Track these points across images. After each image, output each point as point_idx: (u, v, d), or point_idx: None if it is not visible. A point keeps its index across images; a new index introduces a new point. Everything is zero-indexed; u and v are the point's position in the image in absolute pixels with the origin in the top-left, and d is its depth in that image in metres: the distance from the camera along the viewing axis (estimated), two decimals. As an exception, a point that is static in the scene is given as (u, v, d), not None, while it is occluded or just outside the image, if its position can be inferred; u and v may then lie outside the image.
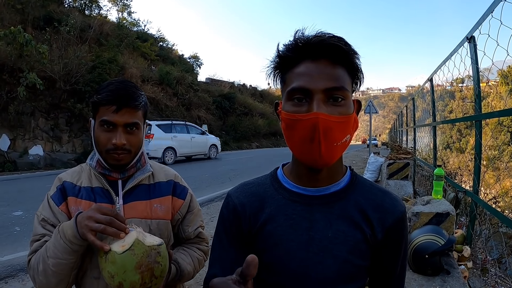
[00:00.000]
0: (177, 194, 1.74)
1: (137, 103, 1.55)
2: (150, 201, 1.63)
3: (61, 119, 22.14)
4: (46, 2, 27.82)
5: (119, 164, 1.56)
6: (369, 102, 18.66)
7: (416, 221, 4.26)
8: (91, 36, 27.58)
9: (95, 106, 1.55)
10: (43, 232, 1.50)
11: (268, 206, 1.18)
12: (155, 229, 1.59)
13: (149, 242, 1.27)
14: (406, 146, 13.04)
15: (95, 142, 1.56)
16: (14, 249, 6.08)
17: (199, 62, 49.27)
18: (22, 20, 24.32)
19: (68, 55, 22.58)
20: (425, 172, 8.95)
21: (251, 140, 43.10)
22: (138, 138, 1.59)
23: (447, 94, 8.41)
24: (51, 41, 22.89)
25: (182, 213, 1.75)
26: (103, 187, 1.59)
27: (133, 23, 40.71)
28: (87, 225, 1.27)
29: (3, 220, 7.95)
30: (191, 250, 1.75)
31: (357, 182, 1.19)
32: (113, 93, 1.50)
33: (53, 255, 1.35)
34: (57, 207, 1.53)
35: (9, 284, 4.89)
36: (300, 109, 1.01)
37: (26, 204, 9.51)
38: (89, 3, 35.28)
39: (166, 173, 1.77)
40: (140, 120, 1.59)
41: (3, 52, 19.48)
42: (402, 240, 1.17)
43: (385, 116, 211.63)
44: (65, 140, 22.17)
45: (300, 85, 1.01)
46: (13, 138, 19.72)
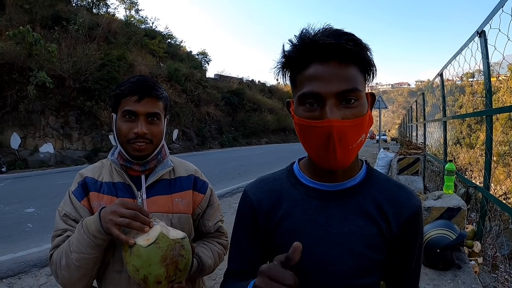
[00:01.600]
0: (198, 189, 1.75)
1: (158, 93, 1.57)
2: (171, 196, 1.64)
3: (71, 117, 22.31)
4: (54, 1, 27.95)
5: (140, 155, 1.56)
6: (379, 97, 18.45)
7: (428, 216, 4.24)
8: (99, 34, 27.68)
9: (117, 99, 1.58)
10: (65, 227, 1.51)
11: (285, 201, 1.18)
12: (176, 223, 1.60)
13: (173, 236, 1.29)
14: (416, 141, 12.96)
15: (117, 134, 1.58)
16: (26, 246, 6.15)
17: (207, 58, 49.37)
18: (31, 20, 24.42)
19: (77, 54, 22.75)
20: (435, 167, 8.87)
21: (260, 136, 43.13)
22: (159, 128, 1.60)
23: (457, 89, 8.35)
24: (60, 40, 23.07)
25: (202, 207, 1.76)
26: (124, 182, 1.60)
27: (141, 21, 40.76)
28: (112, 220, 1.28)
29: (15, 217, 8.06)
30: (212, 244, 1.76)
31: (373, 176, 1.19)
32: (135, 84, 1.54)
33: (76, 250, 1.36)
34: (78, 202, 1.54)
35: (22, 280, 4.95)
36: (312, 114, 1.00)
37: (38, 201, 9.63)
38: (96, 1, 35.39)
39: (186, 168, 1.78)
40: (161, 112, 1.61)
41: (13, 51, 19.65)
42: (418, 234, 1.17)
43: (394, 111, 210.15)
44: (75, 137, 22.34)
45: (311, 90, 0.98)
46: (24, 136, 19.93)
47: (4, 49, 19.61)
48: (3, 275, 5.04)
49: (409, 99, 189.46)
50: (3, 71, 19.22)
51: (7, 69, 19.40)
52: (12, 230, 7.14)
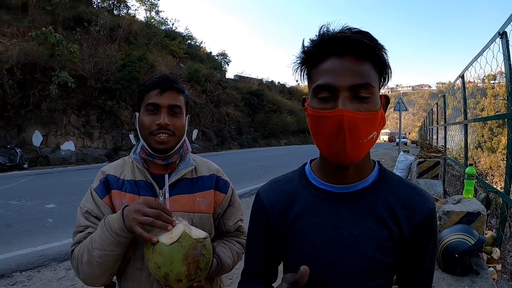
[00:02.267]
0: (219, 188, 1.76)
1: (180, 87, 1.62)
2: (193, 195, 1.65)
3: (92, 116, 22.64)
4: (75, 3, 28.46)
5: (163, 148, 1.57)
6: (399, 99, 18.23)
7: (447, 220, 4.17)
8: (120, 35, 28.07)
9: (140, 95, 1.62)
10: (87, 223, 1.53)
11: (297, 203, 1.19)
12: (197, 222, 1.61)
13: (195, 235, 1.31)
14: (437, 144, 12.79)
15: (140, 129, 1.61)
16: (47, 240, 6.28)
17: (227, 59, 49.51)
18: (53, 21, 25.06)
19: (98, 54, 23.12)
20: (456, 171, 8.73)
21: (279, 137, 43.01)
22: (181, 121, 1.62)
23: (479, 91, 8.19)
24: (81, 41, 23.37)
25: (223, 207, 1.77)
26: (146, 180, 1.61)
27: (161, 22, 41.12)
28: (135, 218, 1.29)
29: (36, 212, 8.22)
30: (231, 244, 1.77)
31: (386, 178, 1.18)
32: (157, 79, 1.59)
33: (99, 247, 1.37)
34: (100, 199, 1.56)
35: (41, 273, 5.05)
36: (325, 106, 1.00)
37: (58, 197, 9.83)
38: (117, 3, 35.96)
39: (208, 167, 1.80)
40: (183, 106, 1.63)
41: (35, 52, 20.12)
42: (431, 238, 1.16)
43: (414, 114, 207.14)
44: (96, 136, 22.70)
45: (326, 82, 1.00)
46: (46, 134, 20.38)
47: (27, 50, 20.11)
48: (23, 267, 5.15)
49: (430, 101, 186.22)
50: (26, 70, 19.61)
51: (30, 68, 19.82)
52: (32, 224, 7.27)
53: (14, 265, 5.19)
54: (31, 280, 4.81)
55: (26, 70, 19.63)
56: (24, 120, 19.61)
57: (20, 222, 7.40)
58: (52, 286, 4.67)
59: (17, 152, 17.36)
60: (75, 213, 1.62)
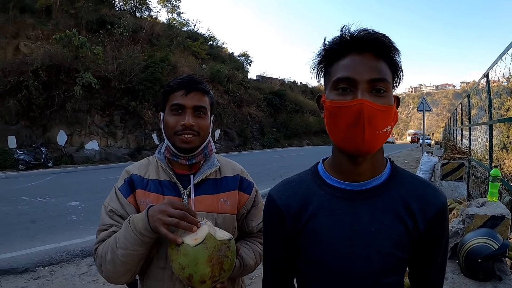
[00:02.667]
0: (243, 189, 1.75)
1: (205, 87, 1.62)
2: (217, 195, 1.64)
3: (115, 116, 23.16)
4: (98, 6, 29.32)
5: (187, 148, 1.57)
6: (422, 99, 17.81)
7: (470, 224, 4.05)
8: (143, 37, 28.63)
9: (165, 95, 1.62)
10: (111, 222, 1.54)
11: (311, 203, 1.18)
12: (221, 223, 1.60)
13: (220, 237, 1.31)
14: (461, 145, 12.54)
15: (165, 129, 1.61)
16: (70, 236, 6.35)
17: (249, 59, 49.76)
18: (76, 24, 25.68)
19: (121, 56, 23.65)
20: (480, 173, 8.49)
21: (301, 137, 42.96)
22: (206, 122, 1.61)
23: (504, 90, 7.97)
24: (104, 43, 23.99)
25: (247, 207, 1.76)
26: (170, 180, 1.60)
27: (183, 23, 41.54)
28: (160, 219, 1.29)
29: (60, 209, 8.35)
30: (254, 244, 1.75)
31: (398, 174, 1.19)
32: (182, 79, 1.59)
33: (123, 246, 1.38)
34: (125, 199, 1.57)
35: (64, 268, 5.10)
36: (344, 97, 1.03)
37: (82, 195, 9.96)
38: (139, 5, 36.67)
39: (233, 168, 1.79)
40: (208, 107, 1.63)
41: (60, 54, 20.74)
42: (444, 231, 1.17)
43: (438, 114, 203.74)
44: (119, 136, 23.20)
45: (346, 75, 1.03)
46: (70, 133, 21.01)
47: (51, 52, 20.75)
48: (46, 262, 5.21)
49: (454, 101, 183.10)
50: (51, 72, 20.23)
51: (55, 70, 20.45)
52: (56, 221, 7.39)
53: (38, 260, 5.26)
54: (54, 275, 4.88)
55: (51, 71, 20.24)
56: (49, 120, 20.27)
57: (44, 219, 7.52)
58: (74, 281, 4.71)
59: (42, 151, 17.89)
60: (98, 211, 1.61)
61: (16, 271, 4.94)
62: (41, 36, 24.47)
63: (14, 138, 19.25)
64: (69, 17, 26.70)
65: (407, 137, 74.41)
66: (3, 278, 4.76)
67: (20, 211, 8.23)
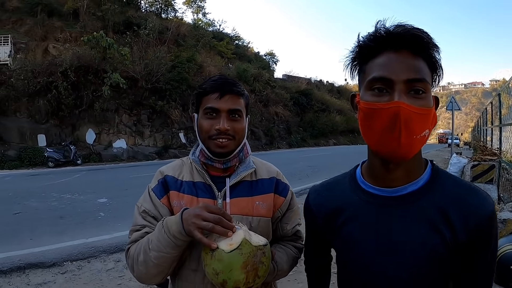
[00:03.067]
0: (279, 192, 1.69)
1: (240, 90, 1.55)
2: (252, 198, 1.60)
3: (143, 115, 23.64)
4: (124, 8, 30.38)
5: (222, 152, 1.52)
6: (451, 98, 17.19)
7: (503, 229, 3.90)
8: (169, 38, 29.23)
9: (198, 97, 1.57)
10: (144, 223, 1.51)
11: (346, 208, 1.17)
12: (256, 226, 1.55)
13: (256, 242, 1.27)
14: (491, 146, 12.09)
15: (199, 132, 1.57)
16: (98, 233, 6.34)
17: (275, 59, 50.04)
18: (103, 26, 26.54)
19: (148, 56, 24.19)
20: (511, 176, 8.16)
21: (328, 137, 42.66)
22: (241, 125, 1.56)
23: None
24: (131, 44, 24.63)
25: (282, 210, 1.70)
26: (205, 182, 1.56)
27: (209, 24, 42.25)
28: (195, 223, 1.25)
29: (89, 206, 8.41)
30: (288, 248, 1.69)
31: (439, 178, 1.10)
32: (216, 81, 1.53)
33: (156, 248, 1.35)
34: (158, 200, 1.53)
35: (91, 264, 5.08)
36: (380, 99, 0.97)
37: (110, 192, 10.07)
38: (164, 7, 37.62)
39: (268, 170, 1.73)
40: (243, 109, 1.57)
41: (88, 55, 21.54)
42: (490, 243, 1.04)
43: (467, 114, 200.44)
44: (147, 134, 23.66)
45: (382, 75, 0.98)
46: (99, 132, 21.71)
47: (80, 53, 21.54)
48: (74, 257, 5.22)
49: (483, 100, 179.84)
50: (79, 73, 20.93)
51: (83, 71, 21.13)
52: (85, 217, 7.42)
53: (65, 255, 5.29)
54: (81, 270, 4.87)
55: (79, 72, 20.93)
56: (78, 119, 21.04)
57: (72, 215, 7.58)
58: (101, 276, 4.70)
59: (71, 149, 18.47)
60: (126, 208, 1.49)
61: (44, 265, 4.95)
62: (69, 38, 25.55)
63: (44, 136, 19.98)
64: (96, 19, 27.78)
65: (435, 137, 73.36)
66: (31, 271, 4.78)
67: (49, 207, 8.33)
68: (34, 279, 4.56)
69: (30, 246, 5.57)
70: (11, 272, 4.73)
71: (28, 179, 13.28)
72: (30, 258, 5.08)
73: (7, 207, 8.17)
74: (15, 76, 19.41)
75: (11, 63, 21.03)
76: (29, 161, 18.06)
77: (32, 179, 13.06)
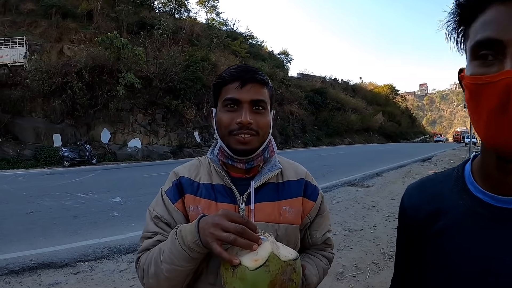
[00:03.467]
0: (308, 195, 1.49)
1: (263, 78, 1.37)
2: (278, 203, 1.40)
3: (157, 115, 23.80)
4: (138, 9, 30.87)
5: (245, 149, 1.33)
6: None
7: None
8: (183, 37, 29.50)
9: (217, 88, 1.39)
10: (156, 230, 1.36)
11: (445, 213, 0.93)
12: (282, 234, 1.37)
13: (285, 256, 1.06)
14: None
15: (217, 127, 1.39)
16: (112, 232, 6.26)
17: (289, 57, 50.04)
18: (117, 27, 27.11)
19: (162, 56, 24.35)
20: None
21: (343, 135, 42.45)
22: (265, 119, 1.37)
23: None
24: (145, 44, 24.91)
25: (311, 216, 1.50)
26: (225, 185, 1.39)
27: (222, 23, 42.60)
28: (213, 234, 1.08)
29: (103, 205, 8.36)
30: (317, 259, 1.53)
31: None
32: (236, 70, 1.36)
33: (168, 261, 1.19)
34: (172, 204, 1.37)
35: (104, 264, 5.00)
36: (488, 69, 0.73)
37: (124, 191, 10.03)
38: (178, 7, 37.96)
39: (296, 171, 1.53)
40: (267, 100, 1.38)
41: (102, 55, 21.75)
42: None
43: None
44: (161, 134, 23.80)
45: (488, 36, 0.73)
46: (113, 132, 21.98)
47: (94, 54, 21.79)
48: (87, 258, 5.15)
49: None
50: (94, 73, 21.18)
51: (98, 71, 21.39)
52: (98, 217, 7.36)
53: (78, 255, 5.22)
54: (94, 271, 4.80)
55: (94, 72, 21.18)
56: (93, 119, 21.30)
57: (86, 214, 7.53)
58: (113, 277, 4.62)
59: (86, 148, 18.67)
60: (140, 207, 1.33)
61: (56, 265, 4.89)
62: (84, 39, 26.12)
63: (59, 136, 20.31)
64: (110, 20, 28.33)
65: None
66: (43, 271, 4.72)
67: (63, 206, 8.30)
68: (46, 279, 4.49)
69: (42, 246, 5.51)
70: (22, 272, 4.67)
71: (43, 178, 13.36)
72: (42, 258, 5.01)
73: (21, 206, 8.16)
74: (30, 77, 19.71)
75: (26, 65, 21.48)
76: (44, 160, 18.29)
77: (47, 178, 13.14)
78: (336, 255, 1.58)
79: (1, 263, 4.85)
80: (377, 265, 4.75)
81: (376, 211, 7.67)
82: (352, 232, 6.17)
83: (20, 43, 22.36)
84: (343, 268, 4.63)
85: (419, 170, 14.74)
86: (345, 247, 5.44)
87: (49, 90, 19.89)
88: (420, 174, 13.17)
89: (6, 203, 8.61)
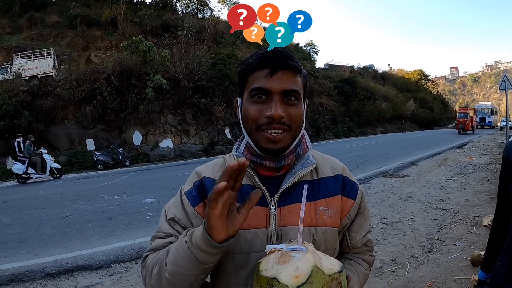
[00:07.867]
0: (347, 193, 1.32)
1: (297, 64, 1.16)
2: (314, 203, 1.25)
3: (187, 114, 24.16)
4: (160, 12, 31.66)
5: (275, 148, 1.15)
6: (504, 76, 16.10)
7: None
8: (207, 36, 29.81)
9: (242, 76, 1.21)
10: (170, 231, 1.21)
11: None
12: (320, 239, 1.22)
13: (328, 269, 0.92)
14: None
15: (244, 121, 1.21)
16: (146, 233, 6.24)
17: (315, 49, 49.65)
18: (142, 31, 27.76)
19: (188, 56, 24.69)
20: None
21: (375, 125, 41.71)
22: (299, 110, 1.18)
23: None
24: (171, 45, 25.35)
25: (351, 216, 1.34)
26: (253, 185, 1.21)
27: None
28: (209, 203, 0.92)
29: (137, 206, 8.43)
30: (358, 264, 1.37)
31: None
32: (265, 55, 1.16)
33: (172, 261, 1.05)
34: (192, 207, 1.22)
35: (139, 265, 4.85)
36: None
37: (158, 192, 10.14)
38: (200, 7, 38.52)
39: (332, 166, 1.35)
40: (301, 90, 1.19)
41: (129, 60, 22.33)
42: None
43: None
44: (192, 133, 24.16)
45: None
46: (145, 133, 22.49)
47: (121, 59, 22.44)
48: (122, 259, 5.16)
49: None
50: (122, 77, 21.69)
51: (126, 75, 21.86)
52: (132, 218, 7.40)
53: (113, 256, 5.26)
54: (129, 272, 4.82)
55: (122, 77, 21.70)
56: (124, 122, 21.88)
57: (120, 216, 7.59)
58: None
59: (119, 151, 19.17)
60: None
61: (91, 267, 4.94)
62: (110, 45, 27.19)
63: (92, 141, 20.94)
64: (134, 25, 29.15)
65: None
66: (79, 274, 4.77)
67: (98, 208, 8.40)
68: (82, 281, 4.53)
69: (78, 249, 5.58)
70: (59, 275, 4.73)
71: (78, 182, 13.68)
72: (78, 261, 5.06)
73: (57, 211, 8.32)
74: (61, 86, 20.60)
75: (55, 74, 22.45)
76: (79, 165, 18.93)
77: (81, 182, 13.46)
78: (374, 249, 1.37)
79: (38, 267, 4.90)
80: (416, 259, 4.54)
81: (413, 202, 7.42)
82: (389, 225, 5.96)
83: (48, 54, 23.24)
84: (382, 263, 4.46)
85: (455, 157, 14.21)
86: (383, 240, 5.26)
87: (80, 97, 20.59)
88: (457, 161, 12.75)
89: (43, 208, 8.78)
